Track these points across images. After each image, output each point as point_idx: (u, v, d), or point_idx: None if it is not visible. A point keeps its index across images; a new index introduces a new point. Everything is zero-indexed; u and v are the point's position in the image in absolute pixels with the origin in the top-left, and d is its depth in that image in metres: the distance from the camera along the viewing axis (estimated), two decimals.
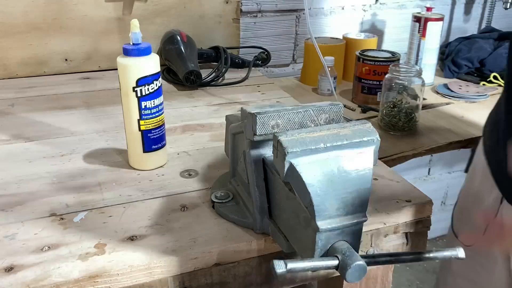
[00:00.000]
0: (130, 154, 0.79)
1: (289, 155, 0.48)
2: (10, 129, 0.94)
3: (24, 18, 1.20)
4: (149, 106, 0.74)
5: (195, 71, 1.15)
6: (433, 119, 1.13)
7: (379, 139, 0.52)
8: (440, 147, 1.01)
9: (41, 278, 0.54)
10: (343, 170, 0.50)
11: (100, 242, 0.61)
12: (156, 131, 0.77)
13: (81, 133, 0.93)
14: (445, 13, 1.64)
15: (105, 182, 0.75)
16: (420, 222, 0.71)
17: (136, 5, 1.28)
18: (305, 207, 0.49)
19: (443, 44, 1.62)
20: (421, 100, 1.06)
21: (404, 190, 0.73)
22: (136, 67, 0.72)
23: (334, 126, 0.52)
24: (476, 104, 1.25)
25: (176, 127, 0.96)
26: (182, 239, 0.61)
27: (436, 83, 1.39)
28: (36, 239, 0.61)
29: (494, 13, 1.74)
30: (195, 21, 1.35)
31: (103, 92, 1.16)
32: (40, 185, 0.74)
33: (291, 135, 0.50)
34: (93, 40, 1.28)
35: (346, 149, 0.50)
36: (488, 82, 1.39)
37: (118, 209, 0.68)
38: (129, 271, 0.57)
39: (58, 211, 0.67)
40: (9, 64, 1.23)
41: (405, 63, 1.34)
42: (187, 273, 0.59)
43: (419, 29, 1.36)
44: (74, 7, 1.23)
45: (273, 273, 0.46)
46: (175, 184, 0.75)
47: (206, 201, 0.70)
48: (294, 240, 0.56)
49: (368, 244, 0.68)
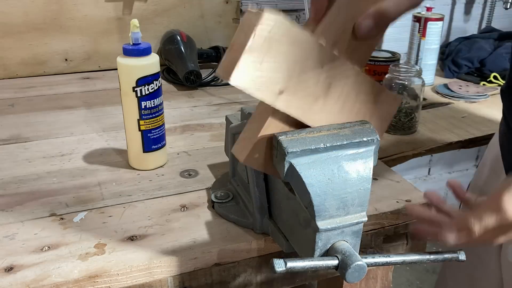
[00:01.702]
0: (130, 154, 0.79)
1: (289, 155, 0.48)
2: (10, 129, 0.94)
3: (24, 18, 1.20)
4: (149, 106, 0.74)
5: (195, 71, 1.15)
6: (433, 119, 1.13)
7: (379, 139, 0.52)
8: (440, 147, 1.01)
9: (41, 278, 0.54)
10: (343, 170, 0.50)
11: (100, 242, 0.61)
12: (156, 131, 0.77)
13: (81, 133, 0.92)
14: (445, 13, 1.64)
15: (105, 182, 0.75)
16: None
17: (136, 5, 1.28)
18: (305, 207, 0.49)
19: (443, 44, 1.62)
20: (421, 100, 1.05)
21: (404, 190, 0.73)
22: (136, 67, 0.72)
23: (334, 126, 0.52)
24: (476, 104, 1.25)
25: (176, 127, 0.96)
26: (182, 239, 0.61)
27: (436, 83, 1.38)
28: (36, 239, 0.61)
29: (494, 13, 1.74)
30: (195, 21, 1.35)
31: (103, 92, 1.16)
32: (40, 185, 0.74)
33: (291, 135, 0.50)
34: (93, 40, 1.28)
35: (346, 149, 0.50)
36: (488, 82, 1.38)
37: (118, 209, 0.68)
38: (129, 271, 0.57)
39: (58, 211, 0.67)
40: (9, 64, 1.23)
41: (405, 63, 1.34)
42: (187, 273, 0.59)
43: (419, 29, 1.36)
44: (74, 7, 1.23)
45: (272, 271, 0.46)
46: (175, 184, 0.74)
47: (206, 201, 0.70)
48: (294, 240, 0.56)
49: (368, 244, 0.68)
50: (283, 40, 0.48)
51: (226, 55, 0.49)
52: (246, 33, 0.47)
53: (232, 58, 0.47)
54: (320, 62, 0.51)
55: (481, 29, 1.77)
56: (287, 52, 0.49)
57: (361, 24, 0.52)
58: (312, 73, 0.51)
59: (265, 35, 0.47)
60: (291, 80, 0.50)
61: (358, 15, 0.53)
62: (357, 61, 0.55)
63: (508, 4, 1.60)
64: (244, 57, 0.46)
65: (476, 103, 1.26)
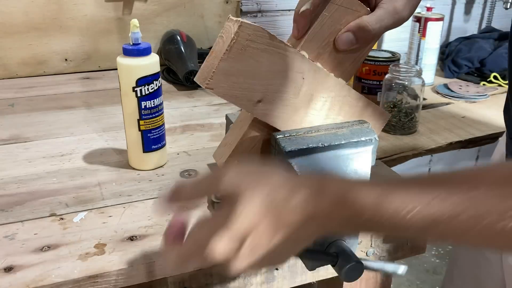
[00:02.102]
0: (130, 154, 0.79)
1: (286, 154, 0.48)
2: (10, 129, 0.94)
3: (24, 18, 1.20)
4: (149, 106, 0.74)
5: (195, 71, 1.15)
6: (433, 119, 1.13)
7: (377, 139, 0.52)
8: (440, 147, 1.01)
9: (40, 278, 0.54)
10: (341, 170, 0.50)
11: (100, 242, 0.61)
12: (156, 131, 0.77)
13: (81, 133, 0.93)
14: (445, 13, 1.64)
15: (105, 182, 0.75)
16: None
17: (136, 5, 1.28)
18: None
19: (443, 44, 1.62)
20: (421, 100, 1.05)
21: None
22: (136, 67, 0.72)
23: (332, 126, 0.52)
24: (476, 104, 1.25)
25: (176, 127, 0.96)
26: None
27: (436, 83, 1.38)
28: (36, 239, 0.61)
29: (494, 13, 1.74)
30: (195, 21, 1.35)
31: (103, 92, 1.16)
32: (40, 185, 0.74)
33: (289, 134, 0.50)
34: (93, 40, 1.28)
35: (344, 149, 0.50)
36: (488, 82, 1.39)
37: (118, 209, 0.68)
38: (128, 271, 0.56)
39: (58, 211, 0.67)
40: (9, 64, 1.23)
41: (405, 63, 1.34)
42: (187, 274, 0.59)
43: (419, 29, 1.36)
44: (74, 7, 1.23)
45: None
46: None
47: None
48: None
49: (368, 244, 0.68)
50: (261, 49, 0.49)
51: (205, 61, 0.49)
52: (225, 40, 0.47)
53: (210, 64, 0.48)
54: (301, 73, 0.52)
55: (481, 29, 1.77)
56: (265, 62, 0.49)
57: (341, 36, 0.53)
58: (292, 84, 0.51)
59: (243, 43, 0.47)
60: (269, 90, 0.50)
61: (342, 28, 0.54)
62: (342, 73, 0.56)
63: (508, 4, 1.60)
64: (221, 63, 0.47)
65: (476, 103, 1.26)
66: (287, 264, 0.65)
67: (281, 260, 0.43)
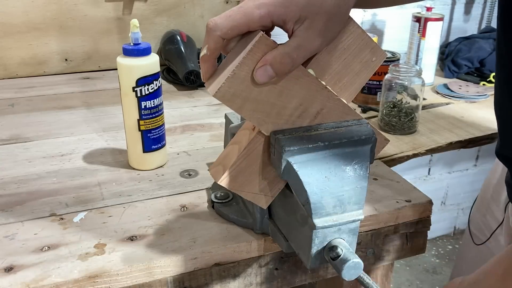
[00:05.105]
0: (130, 154, 0.79)
1: (286, 153, 0.49)
2: (10, 129, 0.94)
3: (24, 18, 1.20)
4: (149, 106, 0.74)
5: (195, 71, 1.15)
6: (433, 119, 1.13)
7: (376, 138, 0.52)
8: (440, 147, 1.01)
9: (41, 278, 0.54)
10: (340, 169, 0.50)
11: (100, 242, 0.61)
12: (156, 131, 0.77)
13: (81, 133, 0.93)
14: (445, 13, 1.64)
15: (105, 182, 0.75)
16: (420, 222, 0.71)
17: (136, 5, 1.28)
18: (302, 205, 0.49)
19: (443, 44, 1.62)
20: (421, 100, 1.06)
21: (404, 190, 0.73)
22: (136, 67, 0.72)
23: (331, 125, 0.52)
24: (476, 104, 1.25)
25: (176, 127, 0.96)
26: (182, 239, 0.61)
27: (436, 83, 1.38)
28: (36, 239, 0.61)
29: (494, 13, 1.74)
30: (195, 21, 1.35)
31: (103, 92, 1.16)
32: (40, 185, 0.74)
33: (288, 133, 0.50)
34: (93, 40, 1.28)
35: (343, 148, 0.50)
36: (488, 82, 1.39)
37: (118, 209, 0.68)
38: (128, 271, 0.57)
39: (58, 211, 0.67)
40: (9, 64, 1.23)
41: (405, 63, 1.34)
42: (187, 273, 0.60)
43: (419, 29, 1.36)
44: (74, 7, 1.23)
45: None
46: (175, 184, 0.75)
47: (206, 201, 0.70)
48: (292, 237, 0.56)
49: (368, 244, 0.68)
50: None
51: (218, 68, 0.49)
52: (243, 47, 0.48)
53: (225, 71, 0.48)
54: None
55: (481, 29, 1.77)
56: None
57: (256, 72, 0.48)
58: (297, 100, 0.51)
59: (257, 57, 0.48)
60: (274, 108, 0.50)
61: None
62: (347, 95, 0.55)
63: None
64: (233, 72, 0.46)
65: (476, 103, 1.26)
66: (287, 264, 0.65)
67: None
